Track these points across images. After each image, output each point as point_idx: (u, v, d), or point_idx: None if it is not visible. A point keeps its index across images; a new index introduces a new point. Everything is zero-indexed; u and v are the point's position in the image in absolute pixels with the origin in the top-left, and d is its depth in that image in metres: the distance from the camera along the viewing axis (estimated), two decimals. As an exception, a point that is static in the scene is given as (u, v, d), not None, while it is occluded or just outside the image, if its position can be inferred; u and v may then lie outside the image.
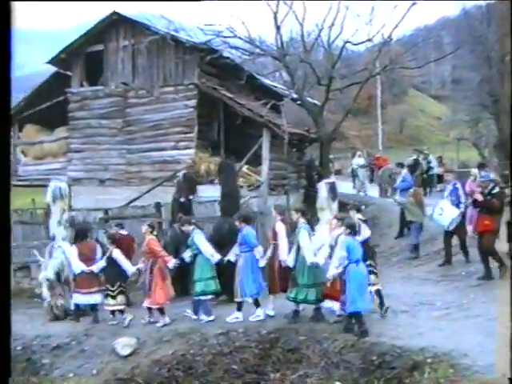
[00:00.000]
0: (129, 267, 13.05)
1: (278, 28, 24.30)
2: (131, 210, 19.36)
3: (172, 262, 12.50)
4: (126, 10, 24.54)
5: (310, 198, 24.39)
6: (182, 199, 16.59)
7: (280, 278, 11.85)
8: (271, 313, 11.98)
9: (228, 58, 23.87)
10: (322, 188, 13.39)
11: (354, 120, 57.50)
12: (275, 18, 24.18)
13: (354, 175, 30.50)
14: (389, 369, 9.40)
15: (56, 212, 14.85)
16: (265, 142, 21.64)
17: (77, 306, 13.70)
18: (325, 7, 25.45)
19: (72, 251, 13.62)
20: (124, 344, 11.91)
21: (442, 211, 14.77)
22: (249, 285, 11.85)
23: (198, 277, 12.27)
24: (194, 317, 12.47)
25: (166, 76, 23.28)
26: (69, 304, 14.22)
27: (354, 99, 28.90)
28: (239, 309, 12.05)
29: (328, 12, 24.97)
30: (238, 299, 12.04)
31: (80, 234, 13.94)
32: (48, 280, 14.27)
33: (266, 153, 21.61)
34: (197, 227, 12.67)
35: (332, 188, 13.29)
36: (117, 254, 13.06)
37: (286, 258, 11.56)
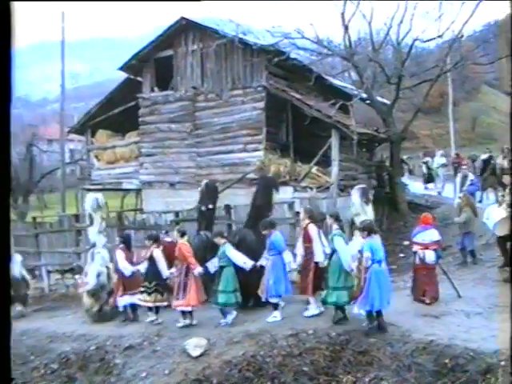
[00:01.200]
0: (164, 269, 13.67)
1: (345, 28, 24.12)
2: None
3: (197, 270, 13.05)
4: (194, 14, 24.76)
5: (380, 199, 24.14)
6: (203, 208, 16.83)
7: (315, 277, 12.27)
8: (316, 311, 12.41)
9: (296, 59, 23.82)
10: (355, 194, 13.92)
11: (425, 119, 56.57)
12: (343, 18, 24.00)
13: (427, 175, 30.06)
14: (462, 372, 9.20)
15: (96, 221, 15.82)
16: (334, 142, 21.46)
17: (125, 307, 14.46)
18: (393, 5, 25.03)
19: (119, 254, 14.38)
20: (195, 345, 12.02)
21: (489, 215, 14.52)
22: (276, 287, 12.36)
23: (222, 288, 12.81)
24: (223, 320, 13.00)
25: (235, 79, 23.40)
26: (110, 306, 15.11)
27: (425, 97, 28.43)
28: (276, 308, 12.54)
29: (396, 10, 24.70)
30: (268, 300, 12.57)
31: (126, 240, 14.86)
32: (89, 286, 15.38)
33: (335, 154, 21.45)
34: (227, 240, 13.21)
35: (364, 193, 13.80)
36: (157, 253, 13.75)
37: (322, 259, 12.09)
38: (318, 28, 24.33)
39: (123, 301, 14.37)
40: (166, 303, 13.89)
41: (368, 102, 26.53)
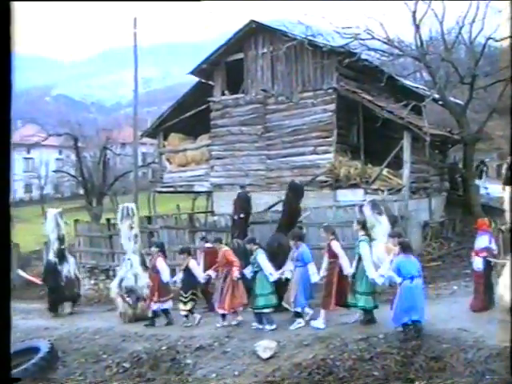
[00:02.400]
0: (200, 276, 14.76)
1: (417, 27, 23.74)
2: (272, 215, 19.52)
3: (236, 274, 13.82)
4: (263, 17, 24.89)
5: (453, 202, 23.64)
6: (235, 217, 17.68)
7: (337, 292, 12.66)
8: (321, 326, 12.73)
9: (367, 60, 23.63)
10: (366, 208, 14.61)
11: (500, 119, 55.09)
12: (414, 17, 23.63)
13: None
14: (538, 379, 8.91)
15: (125, 229, 16.97)
16: (406, 144, 21.14)
17: (154, 312, 15.28)
18: (464, 4, 24.45)
19: (160, 262, 15.18)
20: (265, 347, 12.06)
21: None
22: (302, 297, 12.98)
23: (259, 292, 13.44)
24: (260, 326, 13.48)
25: (305, 81, 23.36)
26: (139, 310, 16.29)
27: (499, 97, 27.66)
28: (300, 316, 13.15)
29: (468, 9, 24.14)
30: (291, 309, 13.16)
31: (161, 247, 15.68)
32: (115, 289, 16.83)
33: (407, 155, 21.12)
34: (259, 247, 13.79)
35: (374, 206, 14.46)
36: (192, 264, 14.81)
37: (352, 270, 12.54)
38: (388, 28, 23.90)
39: (155, 306, 15.20)
40: (195, 314, 14.80)
41: (441, 102, 26.01)
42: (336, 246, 12.81)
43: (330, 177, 22.12)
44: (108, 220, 24.86)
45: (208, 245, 16.05)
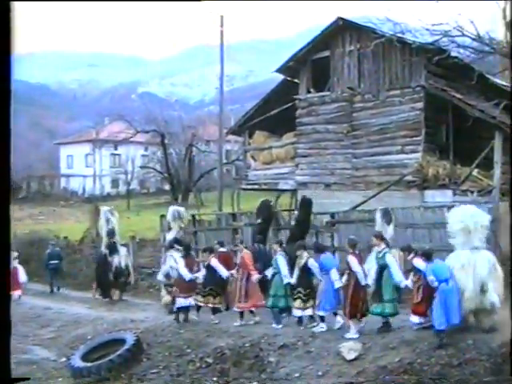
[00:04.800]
0: (223, 272, 15.42)
1: (508, 24, 22.95)
2: (357, 214, 19.28)
3: (255, 277, 14.87)
4: (350, 14, 24.66)
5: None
6: (256, 222, 19.00)
7: (352, 305, 13.04)
8: (354, 336, 12.76)
9: (457, 57, 23.01)
10: (377, 214, 15.42)
11: None
12: (504, 14, 22.86)
13: None
14: None
15: (174, 229, 18.80)
16: (497, 144, 20.50)
17: (178, 308, 15.84)
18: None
19: (179, 262, 16.08)
20: (350, 348, 11.94)
21: None
22: (327, 302, 13.51)
23: (273, 293, 14.47)
24: (279, 326, 14.29)
25: (392, 79, 23.00)
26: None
27: None
28: (323, 320, 13.62)
29: None
30: (316, 312, 13.79)
31: (186, 249, 16.54)
32: (160, 281, 18.25)
33: (497, 156, 20.48)
34: (283, 250, 14.98)
35: (385, 214, 15.27)
36: (214, 262, 15.54)
37: (366, 282, 13.06)
38: (479, 25, 23.18)
39: (179, 302, 15.77)
40: (218, 305, 15.64)
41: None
42: (351, 260, 13.25)
43: (418, 177, 21.71)
44: (193, 216, 25.13)
45: (222, 249, 16.63)
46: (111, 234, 21.23)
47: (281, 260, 14.54)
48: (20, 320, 19.04)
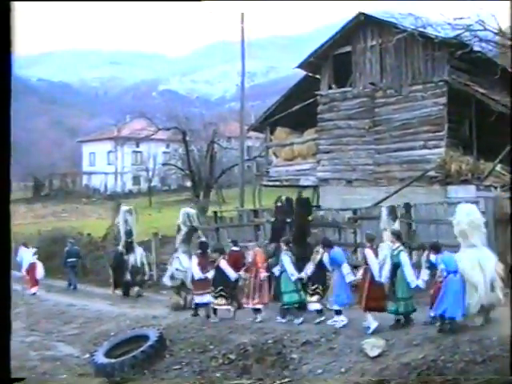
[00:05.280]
0: (231, 274, 15.64)
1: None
2: (379, 210, 19.18)
3: (263, 275, 15.14)
4: (371, 9, 24.49)
5: None
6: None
7: (368, 298, 13.15)
8: (373, 325, 13.05)
9: (480, 51, 22.77)
10: (384, 211, 15.79)
11: None
12: (527, 8, 22.57)
13: None
14: None
15: (182, 232, 18.98)
16: (521, 139, 20.26)
17: (196, 304, 16.37)
18: None
19: (193, 260, 16.54)
20: (373, 345, 11.88)
21: None
22: (340, 296, 13.74)
23: (283, 290, 14.82)
24: (283, 320, 14.67)
25: (415, 74, 22.83)
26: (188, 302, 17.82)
27: None
28: (339, 313, 13.80)
29: None
30: (329, 307, 14.03)
31: (202, 248, 16.76)
32: (166, 284, 19.01)
33: (522, 151, 20.24)
34: (289, 249, 15.19)
35: (391, 211, 15.63)
36: (223, 264, 15.70)
37: (379, 277, 13.08)
38: (501, 19, 22.94)
39: (197, 299, 16.29)
40: (226, 307, 15.75)
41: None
42: (368, 254, 13.44)
43: (440, 172, 21.53)
44: (215, 213, 25.19)
45: (234, 248, 17.07)
46: (128, 234, 21.93)
47: (286, 258, 14.90)
48: (44, 317, 19.24)
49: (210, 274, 15.87)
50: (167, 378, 13.19)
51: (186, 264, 17.94)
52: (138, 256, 21.83)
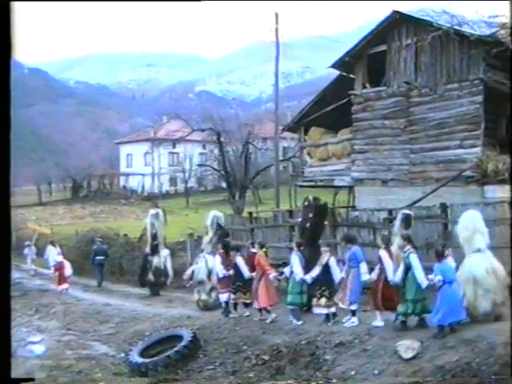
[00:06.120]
0: (246, 272, 16.17)
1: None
2: (415, 211, 18.96)
3: (272, 275, 15.50)
4: (406, 7, 24.31)
5: None
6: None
7: (384, 298, 13.54)
8: (380, 323, 13.55)
9: (515, 49, 22.44)
10: (398, 217, 15.56)
11: None
12: None
13: None
14: None
15: (210, 234, 19.60)
16: None
17: (225, 302, 16.94)
18: None
19: (217, 259, 17.32)
20: (407, 346, 11.79)
21: None
22: (356, 294, 13.94)
23: (289, 290, 15.19)
24: (295, 321, 14.94)
25: (450, 72, 22.54)
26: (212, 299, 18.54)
27: None
28: (354, 314, 14.01)
29: None
30: (345, 306, 14.09)
31: (225, 247, 17.40)
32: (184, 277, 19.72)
33: (560, 150, 19.88)
34: (299, 251, 15.48)
35: (405, 218, 15.26)
36: (239, 260, 16.41)
37: (393, 277, 13.30)
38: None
39: (222, 297, 16.99)
40: (248, 300, 16.33)
41: None
42: (383, 255, 13.75)
43: (477, 172, 21.23)
44: (250, 213, 25.24)
45: (253, 250, 17.13)
46: (154, 237, 22.99)
47: (295, 259, 15.21)
48: (81, 316, 19.51)
49: (230, 272, 16.64)
50: (201, 377, 13.26)
51: (211, 264, 18.61)
52: (162, 258, 22.81)
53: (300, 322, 14.81)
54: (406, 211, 16.08)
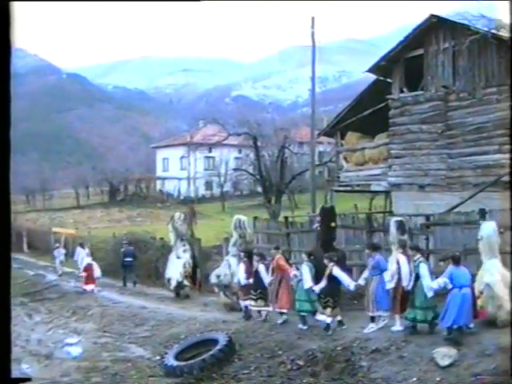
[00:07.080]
0: (265, 278, 16.46)
1: None
2: (454, 217, 18.77)
3: (292, 273, 15.94)
4: (443, 11, 24.08)
5: None
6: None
7: (403, 303, 13.75)
8: (399, 328, 13.81)
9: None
10: (392, 225, 15.91)
11: None
12: None
13: None
14: None
15: (234, 237, 20.28)
16: None
17: (245, 307, 17.31)
18: None
19: (240, 267, 17.73)
20: (444, 354, 11.67)
21: None
22: (381, 302, 14.11)
23: (297, 297, 15.52)
24: (300, 326, 15.29)
25: (489, 76, 22.26)
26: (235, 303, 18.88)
27: None
28: (373, 320, 14.25)
29: None
30: (370, 313, 14.28)
31: (248, 255, 17.83)
32: (212, 283, 20.12)
33: None
34: (310, 261, 15.67)
35: (400, 225, 15.75)
36: (261, 267, 16.70)
37: (407, 283, 13.64)
38: None
39: (243, 303, 17.40)
40: (268, 308, 16.66)
41: None
42: (401, 260, 13.99)
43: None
44: (286, 218, 25.20)
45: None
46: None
47: (304, 268, 15.44)
48: (117, 319, 19.68)
49: (252, 280, 17.01)
50: (236, 381, 13.28)
51: (234, 266, 19.08)
52: (185, 262, 23.36)
53: (305, 327, 15.18)
54: (399, 218, 16.63)
